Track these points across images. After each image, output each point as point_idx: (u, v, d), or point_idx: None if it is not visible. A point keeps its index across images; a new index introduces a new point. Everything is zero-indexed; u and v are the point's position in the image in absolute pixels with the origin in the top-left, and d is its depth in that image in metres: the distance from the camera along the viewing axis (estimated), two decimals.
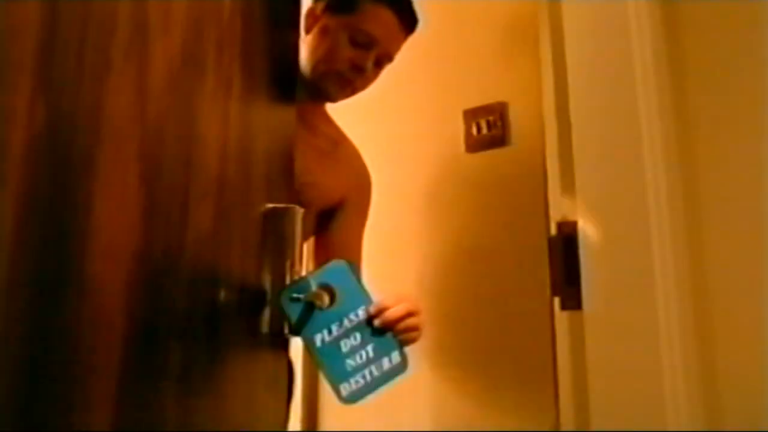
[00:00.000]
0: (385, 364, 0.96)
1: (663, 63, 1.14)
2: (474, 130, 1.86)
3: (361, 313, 0.98)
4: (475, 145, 1.86)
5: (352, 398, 0.95)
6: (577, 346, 1.07)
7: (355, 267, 1.02)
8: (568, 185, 1.12)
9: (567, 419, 1.09)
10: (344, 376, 0.95)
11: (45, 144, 0.52)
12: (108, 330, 0.59)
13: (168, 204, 0.72)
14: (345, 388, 0.94)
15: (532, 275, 1.64)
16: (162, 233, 0.70)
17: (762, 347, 1.01)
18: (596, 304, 1.04)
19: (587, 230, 1.07)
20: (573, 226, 1.09)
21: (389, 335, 0.99)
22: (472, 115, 1.87)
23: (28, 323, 0.50)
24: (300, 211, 1.06)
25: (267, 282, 0.97)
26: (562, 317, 1.13)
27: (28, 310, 0.50)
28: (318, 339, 0.95)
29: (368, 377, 0.95)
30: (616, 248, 1.04)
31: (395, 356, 0.98)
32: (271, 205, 1.02)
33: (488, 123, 1.83)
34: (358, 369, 0.95)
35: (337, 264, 1.03)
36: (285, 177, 1.09)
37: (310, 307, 0.97)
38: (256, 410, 0.88)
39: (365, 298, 1.00)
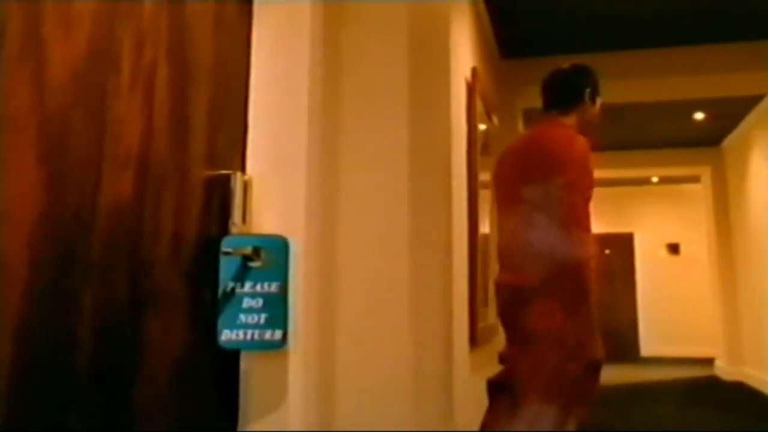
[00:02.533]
0: (267, 335, 1.11)
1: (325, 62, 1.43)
2: None
3: (274, 286, 1.13)
4: None
5: (228, 345, 1.11)
6: None
7: (291, 247, 1.17)
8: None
9: None
10: (231, 325, 1.10)
11: None
12: (9, 274, 0.78)
13: (77, 177, 0.89)
14: (226, 335, 1.10)
15: None
16: (71, 200, 0.88)
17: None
18: None
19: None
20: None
21: (283, 315, 1.13)
22: None
23: None
24: (242, 177, 1.22)
25: (206, 238, 1.14)
26: None
27: None
28: (229, 285, 1.11)
29: (248, 337, 1.10)
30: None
31: (278, 334, 1.12)
32: (211, 173, 1.18)
33: None
34: (244, 326, 1.10)
35: (277, 237, 1.18)
36: (235, 149, 1.25)
37: (240, 262, 1.13)
38: (179, 355, 1.06)
39: (283, 276, 1.14)
